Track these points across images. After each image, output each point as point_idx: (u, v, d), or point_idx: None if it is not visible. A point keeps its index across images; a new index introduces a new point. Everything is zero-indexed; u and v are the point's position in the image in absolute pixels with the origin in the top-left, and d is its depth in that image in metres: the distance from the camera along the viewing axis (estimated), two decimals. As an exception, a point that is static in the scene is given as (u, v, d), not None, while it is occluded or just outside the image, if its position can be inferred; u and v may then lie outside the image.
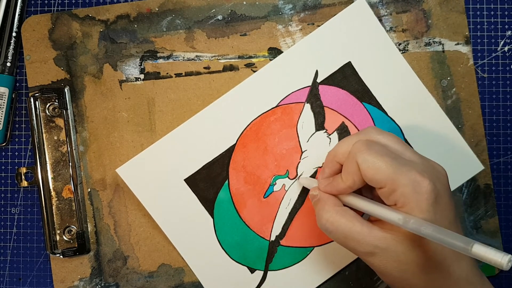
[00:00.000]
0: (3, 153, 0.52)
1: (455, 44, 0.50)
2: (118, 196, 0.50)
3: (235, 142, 0.49)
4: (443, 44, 0.50)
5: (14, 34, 0.51)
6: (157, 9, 0.50)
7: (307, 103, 0.50)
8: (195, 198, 0.49)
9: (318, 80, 0.50)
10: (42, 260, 0.52)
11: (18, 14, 0.51)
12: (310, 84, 0.49)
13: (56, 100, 0.50)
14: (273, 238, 0.49)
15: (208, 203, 0.49)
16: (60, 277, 0.50)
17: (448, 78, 0.50)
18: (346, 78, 0.49)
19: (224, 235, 0.49)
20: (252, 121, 0.49)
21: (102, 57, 0.50)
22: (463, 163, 0.49)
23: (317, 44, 0.49)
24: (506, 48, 0.51)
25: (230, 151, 0.49)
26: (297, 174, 0.49)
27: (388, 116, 0.50)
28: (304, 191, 0.49)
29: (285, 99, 0.50)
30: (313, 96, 0.50)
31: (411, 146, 0.48)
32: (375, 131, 0.43)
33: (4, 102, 0.50)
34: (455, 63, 0.50)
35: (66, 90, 0.50)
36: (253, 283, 0.49)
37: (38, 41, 0.50)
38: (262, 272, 0.49)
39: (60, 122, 0.50)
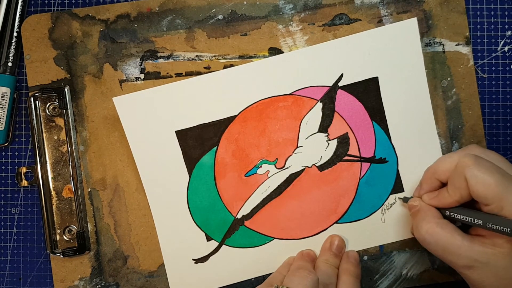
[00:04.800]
0: (4, 153, 0.52)
1: (456, 45, 0.50)
2: (118, 195, 0.50)
3: (237, 113, 0.49)
4: (443, 45, 0.50)
5: (15, 34, 0.50)
6: (157, 9, 0.50)
7: (320, 102, 0.50)
8: (180, 153, 0.49)
9: (340, 84, 0.49)
10: (42, 260, 0.52)
11: (19, 14, 0.51)
12: (330, 84, 0.49)
13: (56, 100, 0.50)
14: (239, 216, 0.50)
15: (190, 162, 0.49)
16: (60, 276, 0.50)
17: (448, 79, 0.50)
18: (367, 92, 0.49)
19: (195, 197, 0.50)
20: (260, 100, 0.49)
21: (102, 56, 0.50)
22: None
23: (352, 49, 0.49)
24: (506, 48, 0.51)
25: (229, 120, 0.49)
26: (284, 165, 0.50)
27: (391, 144, 0.49)
28: (285, 185, 0.50)
29: (300, 90, 0.49)
30: (329, 98, 0.49)
31: (400, 180, 0.49)
32: (478, 148, 0.43)
33: (6, 102, 0.50)
34: (455, 64, 0.50)
35: (66, 89, 0.50)
36: (205, 250, 0.50)
37: (38, 40, 0.50)
38: (218, 243, 0.50)
39: (60, 121, 0.50)
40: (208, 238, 0.50)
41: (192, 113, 0.49)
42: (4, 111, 0.50)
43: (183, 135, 0.49)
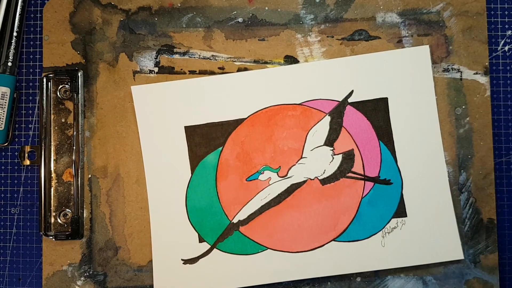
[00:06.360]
0: (3, 153, 0.52)
1: (474, 73, 0.49)
2: (118, 185, 0.50)
3: (246, 116, 0.49)
4: (461, 72, 0.49)
5: (15, 34, 0.51)
6: (179, 5, 0.50)
7: (328, 115, 0.49)
8: (186, 148, 0.49)
9: (349, 101, 0.49)
10: (42, 260, 0.51)
11: (19, 14, 0.51)
12: (339, 99, 0.49)
13: (69, 83, 0.50)
14: (235, 220, 0.49)
15: (195, 159, 0.49)
16: (50, 259, 0.50)
17: (463, 107, 0.49)
18: (376, 111, 0.49)
19: (193, 195, 0.49)
20: (270, 106, 0.49)
21: (119, 46, 0.50)
22: (446, 244, 0.48)
23: (365, 67, 0.49)
24: (506, 48, 0.50)
25: (237, 123, 0.49)
26: (287, 174, 0.49)
27: (396, 165, 0.49)
28: (285, 194, 0.49)
29: (310, 101, 0.49)
30: (337, 112, 0.49)
31: (404, 204, 0.48)
32: None
33: (5, 102, 0.50)
34: (471, 93, 0.49)
35: (79, 74, 0.50)
36: (196, 252, 0.49)
37: (58, 23, 0.51)
38: (209, 246, 0.49)
39: (69, 105, 0.50)
40: (201, 240, 0.49)
41: (202, 111, 0.49)
42: (4, 111, 0.50)
43: (191, 131, 0.49)
